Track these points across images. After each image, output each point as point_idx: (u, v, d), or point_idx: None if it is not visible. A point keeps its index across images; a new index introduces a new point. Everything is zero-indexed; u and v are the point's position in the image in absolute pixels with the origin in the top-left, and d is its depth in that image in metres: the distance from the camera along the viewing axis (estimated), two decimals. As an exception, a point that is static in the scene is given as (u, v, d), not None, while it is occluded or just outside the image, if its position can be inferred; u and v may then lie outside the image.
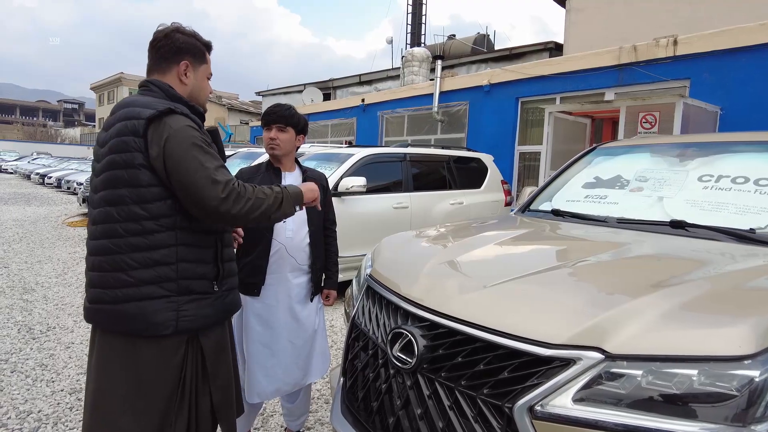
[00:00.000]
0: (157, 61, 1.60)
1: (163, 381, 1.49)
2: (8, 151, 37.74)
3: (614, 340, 1.15)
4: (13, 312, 4.43)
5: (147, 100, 1.49)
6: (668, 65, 7.08)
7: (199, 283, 1.52)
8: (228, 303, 1.63)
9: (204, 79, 1.69)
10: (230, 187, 1.44)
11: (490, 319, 1.34)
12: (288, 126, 2.19)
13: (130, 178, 1.43)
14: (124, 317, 1.45)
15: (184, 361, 1.53)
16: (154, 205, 1.44)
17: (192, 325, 1.50)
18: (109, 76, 51.40)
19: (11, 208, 12.31)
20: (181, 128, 1.44)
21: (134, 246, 1.44)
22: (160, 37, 1.60)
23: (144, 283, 1.44)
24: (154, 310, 1.44)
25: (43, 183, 20.34)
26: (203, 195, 1.41)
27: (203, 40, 1.68)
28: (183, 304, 1.48)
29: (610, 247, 1.89)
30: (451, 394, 1.34)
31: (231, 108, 32.57)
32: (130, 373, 1.48)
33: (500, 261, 1.86)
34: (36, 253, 6.98)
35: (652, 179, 2.40)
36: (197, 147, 1.45)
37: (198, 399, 1.57)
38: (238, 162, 6.84)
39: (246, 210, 1.47)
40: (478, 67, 14.44)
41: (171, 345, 1.49)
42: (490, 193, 6.65)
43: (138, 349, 1.47)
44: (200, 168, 1.42)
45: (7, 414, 2.70)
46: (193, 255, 1.51)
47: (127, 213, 1.43)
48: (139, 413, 1.48)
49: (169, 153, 1.41)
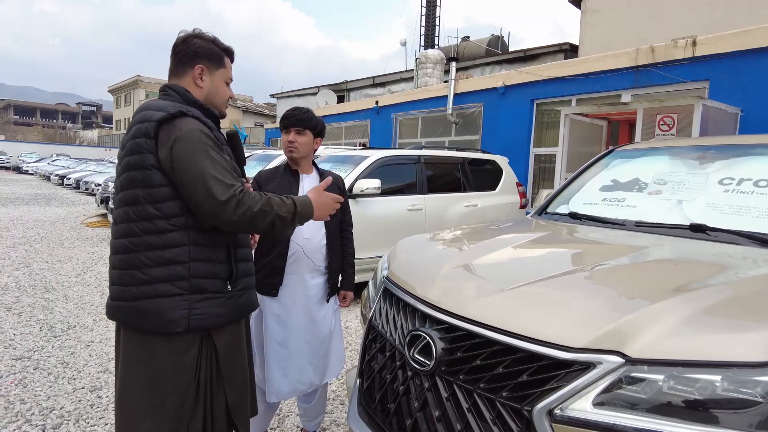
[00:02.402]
0: (175, 65, 1.65)
1: (177, 378, 1.52)
2: (29, 152, 38.51)
3: (635, 344, 1.15)
4: (35, 310, 4.52)
5: (162, 104, 1.54)
6: (687, 66, 6.99)
7: (211, 282, 1.54)
8: (242, 303, 1.64)
9: (221, 83, 1.71)
10: (231, 193, 1.45)
11: (510, 322, 1.34)
12: (306, 129, 2.22)
13: (144, 178, 1.48)
14: (140, 314, 1.49)
15: (198, 359, 1.55)
16: (166, 205, 1.48)
17: (204, 323, 1.52)
18: (126, 78, 52.24)
19: (32, 208, 12.56)
20: (190, 130, 1.48)
21: (149, 244, 1.48)
22: (178, 43, 1.65)
23: (158, 280, 1.48)
24: (168, 308, 1.48)
25: (63, 184, 20.71)
26: (203, 198, 1.44)
27: (222, 45, 1.71)
28: (195, 303, 1.51)
29: (629, 251, 1.88)
30: (469, 397, 1.35)
31: (246, 110, 32.86)
32: (147, 370, 1.52)
33: (518, 264, 1.86)
34: (56, 253, 7.12)
35: (671, 182, 2.38)
36: (204, 150, 1.48)
37: (213, 398, 1.59)
38: (254, 164, 6.90)
39: (247, 219, 1.48)
40: (492, 68, 14.39)
41: (184, 342, 1.52)
42: (505, 195, 6.62)
43: (153, 346, 1.51)
44: (204, 171, 1.45)
45: (31, 410, 2.76)
46: (206, 254, 1.53)
47: (141, 212, 1.48)
48: (154, 409, 1.52)
49: (176, 154, 1.45)
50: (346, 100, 18.55)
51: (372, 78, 18.86)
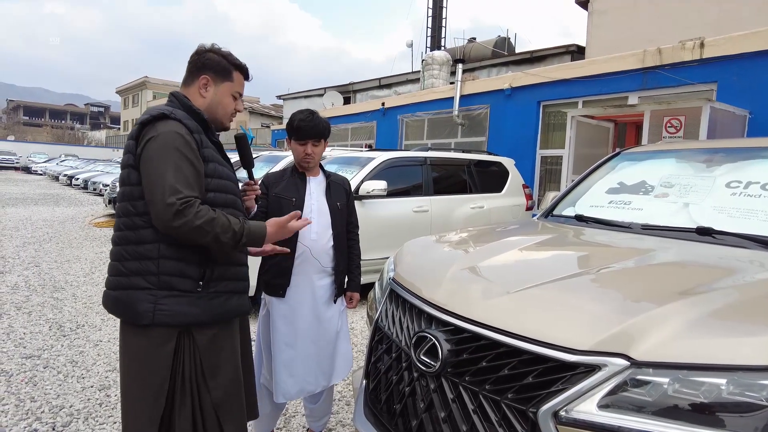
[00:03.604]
0: (186, 75, 1.74)
1: (152, 370, 1.57)
2: (38, 153, 38.85)
3: (640, 347, 1.15)
4: (44, 309, 4.57)
5: (156, 108, 1.62)
6: (694, 68, 6.96)
7: (180, 280, 1.57)
8: (216, 305, 1.63)
9: (226, 95, 1.76)
10: (173, 200, 1.45)
11: (515, 324, 1.35)
12: (322, 139, 2.23)
13: (126, 177, 1.59)
14: (117, 304, 1.59)
15: (178, 355, 1.59)
16: (140, 203, 1.56)
17: (169, 319, 1.56)
18: (133, 80, 52.59)
19: (41, 208, 12.68)
20: (165, 132, 1.53)
21: (127, 239, 1.58)
22: (193, 55, 1.74)
23: (132, 273, 1.56)
24: (137, 300, 1.55)
25: (71, 184, 20.89)
26: (152, 196, 1.49)
27: (234, 60, 1.76)
28: (161, 299, 1.55)
29: (635, 254, 1.88)
30: (475, 398, 1.36)
31: (252, 111, 32.99)
32: (127, 359, 1.62)
33: (524, 266, 1.86)
34: (65, 253, 7.19)
35: (677, 185, 2.38)
36: (170, 154, 1.50)
37: (201, 395, 1.63)
38: (261, 165, 6.93)
39: (185, 231, 1.48)
40: (499, 70, 14.37)
41: (159, 336, 1.57)
42: (511, 197, 6.61)
43: (132, 336, 1.60)
44: (160, 174, 1.49)
45: (41, 408, 2.80)
46: (175, 253, 1.57)
47: (123, 209, 1.60)
48: (133, 399, 1.59)
49: (144, 154, 1.53)
50: (352, 102, 18.58)
51: (378, 79, 18.88)
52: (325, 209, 2.29)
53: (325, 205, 2.30)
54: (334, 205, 2.31)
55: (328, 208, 2.30)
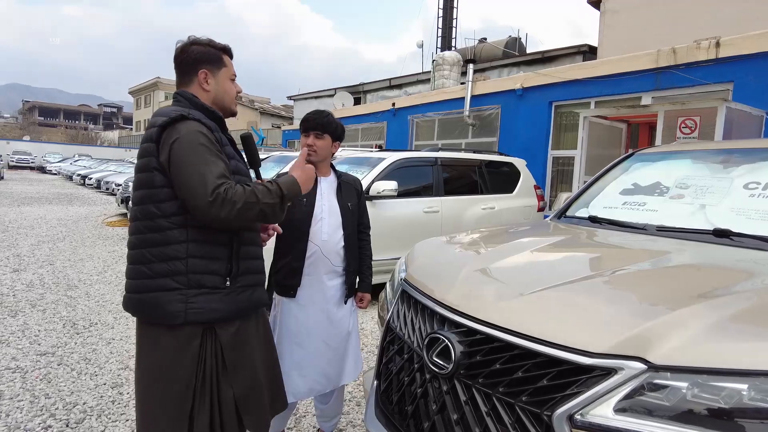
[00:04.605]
0: (180, 75, 1.73)
1: (179, 369, 1.57)
2: (53, 153, 39.38)
3: (658, 350, 1.13)
4: (58, 307, 4.62)
5: (170, 109, 1.62)
6: (710, 68, 6.87)
7: (209, 278, 1.59)
8: (242, 299, 1.67)
9: (226, 81, 1.77)
10: (218, 191, 1.48)
11: (529, 326, 1.33)
12: (325, 133, 2.23)
13: (147, 180, 1.57)
14: (145, 306, 1.59)
15: (201, 352, 1.60)
16: (165, 204, 1.56)
17: (201, 317, 1.57)
18: (146, 80, 53.12)
19: (55, 207, 12.85)
20: (188, 132, 1.54)
21: (151, 242, 1.57)
22: (177, 54, 1.72)
23: (159, 275, 1.56)
24: (167, 301, 1.55)
25: (84, 184, 21.14)
26: (193, 197, 1.49)
27: (219, 45, 1.76)
28: (192, 297, 1.56)
29: (651, 256, 1.86)
30: (488, 401, 1.34)
31: (263, 112, 33.16)
32: (152, 360, 1.60)
33: (538, 268, 1.84)
34: (78, 252, 7.27)
35: (693, 186, 2.34)
36: (199, 152, 1.52)
37: (220, 391, 1.63)
38: (272, 165, 6.96)
39: (234, 215, 1.50)
40: (510, 70, 14.30)
41: (186, 334, 1.58)
42: (522, 198, 6.57)
43: (159, 337, 1.59)
44: (195, 172, 1.50)
45: (55, 404, 2.83)
46: (204, 251, 1.59)
47: (145, 212, 1.58)
48: (159, 399, 1.59)
49: (173, 155, 1.52)
50: (362, 102, 18.60)
51: (388, 80, 18.88)
52: (336, 209, 2.29)
53: (336, 205, 2.29)
54: (345, 205, 2.31)
55: (339, 209, 2.29)
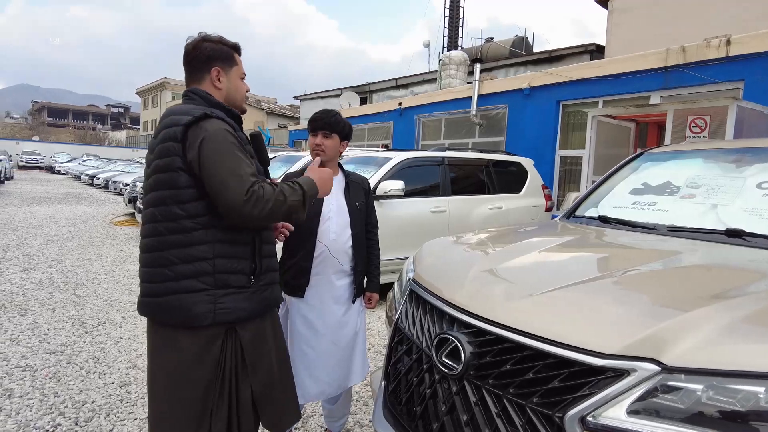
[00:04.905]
0: (192, 72, 1.70)
1: (201, 370, 1.56)
2: (61, 153, 39.67)
3: (671, 352, 1.12)
4: (67, 306, 4.65)
5: (187, 108, 1.59)
6: (720, 66, 6.79)
7: (235, 277, 1.59)
8: (266, 297, 1.68)
9: (237, 79, 1.76)
10: (252, 189, 1.49)
11: (540, 327, 1.32)
12: (333, 132, 2.23)
13: (170, 180, 1.53)
14: (167, 309, 1.55)
15: (222, 352, 1.59)
16: (190, 205, 1.53)
17: (229, 317, 1.57)
18: (153, 81, 53.40)
19: (64, 207, 12.95)
20: (216, 131, 1.52)
21: (174, 243, 1.53)
22: (189, 50, 1.69)
23: (184, 277, 1.53)
24: (193, 303, 1.53)
25: (92, 184, 21.28)
26: (228, 196, 1.48)
27: (230, 43, 1.75)
28: (220, 297, 1.55)
29: (662, 256, 1.84)
30: (498, 402, 1.33)
31: (270, 112, 33.24)
32: (172, 362, 1.57)
33: (548, 268, 1.83)
34: (87, 251, 7.31)
35: (705, 186, 2.32)
36: (229, 150, 1.52)
37: (239, 391, 1.63)
38: (278, 165, 6.97)
39: (266, 213, 1.51)
40: (516, 70, 14.24)
41: (209, 336, 1.57)
42: (530, 197, 6.54)
43: (179, 340, 1.57)
44: (228, 170, 1.49)
45: (64, 403, 2.84)
46: (230, 251, 1.58)
47: (167, 213, 1.53)
48: (178, 401, 1.57)
49: (203, 154, 1.50)
50: (368, 102, 18.59)
51: (395, 80, 18.86)
52: (344, 209, 2.28)
53: (344, 204, 2.29)
54: (353, 204, 2.30)
55: (347, 208, 2.29)
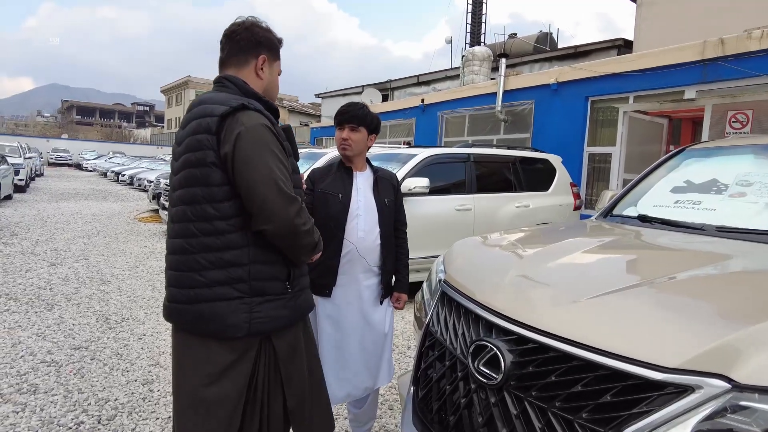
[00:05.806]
0: (235, 53, 1.55)
1: (232, 382, 1.44)
2: (89, 150, 40.63)
3: (744, 368, 1.00)
4: (92, 302, 4.68)
5: (221, 97, 1.45)
6: (763, 58, 6.47)
7: (271, 284, 1.47)
8: (301, 303, 1.57)
9: (276, 75, 1.66)
10: (297, 201, 1.41)
11: (591, 336, 1.21)
12: (361, 126, 2.14)
13: (203, 176, 1.39)
14: (198, 318, 1.42)
15: (256, 363, 1.48)
16: (224, 205, 1.40)
17: (265, 326, 1.45)
18: (177, 79, 54.27)
19: (91, 203, 13.20)
20: (254, 126, 1.39)
21: (207, 246, 1.40)
22: (239, 30, 1.54)
23: (217, 283, 1.40)
24: (228, 312, 1.40)
25: (118, 180, 21.72)
26: (273, 206, 1.36)
27: (277, 36, 1.64)
28: (256, 306, 1.43)
29: (715, 259, 1.70)
30: (543, 416, 1.23)
31: (291, 110, 33.42)
32: (201, 372, 1.45)
33: (592, 271, 1.70)
34: (111, 247, 7.40)
35: (757, 183, 2.16)
36: (270, 150, 1.40)
37: (270, 404, 1.52)
38: (301, 162, 6.92)
39: (306, 230, 1.44)
40: (541, 65, 13.97)
41: (242, 346, 1.45)
42: (558, 196, 6.36)
43: (209, 349, 1.44)
44: (270, 173, 1.37)
45: (87, 400, 2.83)
46: (265, 256, 1.45)
47: (199, 212, 1.40)
48: (206, 411, 1.44)
49: (239, 150, 1.36)
50: (390, 99, 18.49)
51: (416, 76, 18.73)
52: (372, 206, 2.19)
53: (373, 201, 2.20)
54: (381, 201, 2.21)
55: (376, 205, 2.20)
